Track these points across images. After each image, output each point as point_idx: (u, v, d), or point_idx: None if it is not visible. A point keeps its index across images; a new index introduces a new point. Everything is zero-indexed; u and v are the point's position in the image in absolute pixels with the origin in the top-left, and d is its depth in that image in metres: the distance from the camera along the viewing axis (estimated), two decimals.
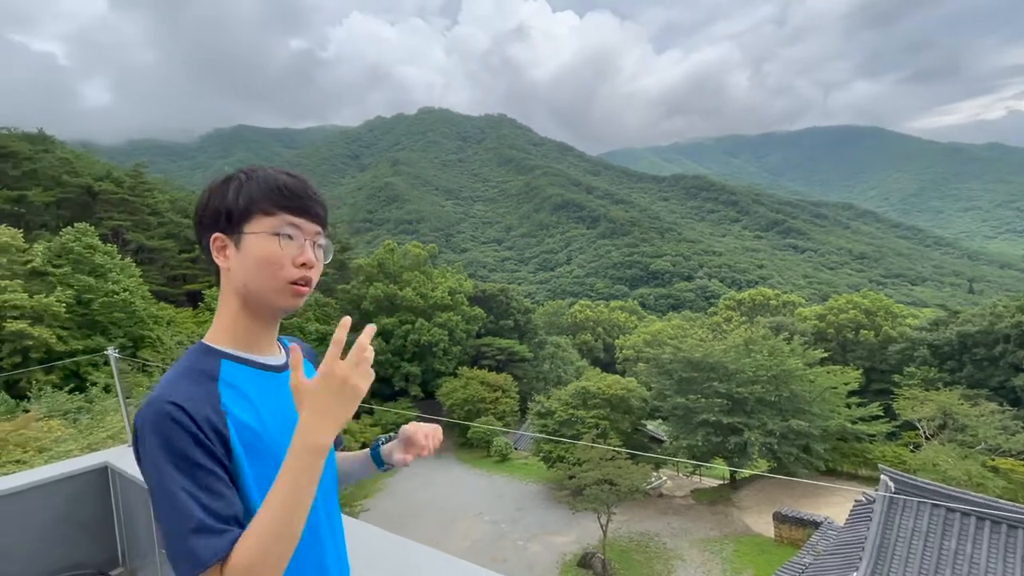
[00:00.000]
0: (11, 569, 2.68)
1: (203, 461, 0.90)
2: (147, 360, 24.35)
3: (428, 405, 39.27)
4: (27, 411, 11.82)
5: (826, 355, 31.39)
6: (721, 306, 69.76)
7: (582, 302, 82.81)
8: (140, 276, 28.50)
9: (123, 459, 3.28)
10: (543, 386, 43.96)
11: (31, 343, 21.12)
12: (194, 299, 38.81)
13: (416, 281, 42.11)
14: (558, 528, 23.34)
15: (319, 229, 1.11)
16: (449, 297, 42.10)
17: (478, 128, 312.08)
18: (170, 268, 42.47)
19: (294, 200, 1.07)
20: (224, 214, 1.06)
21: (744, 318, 58.15)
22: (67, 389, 16.37)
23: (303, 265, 1.07)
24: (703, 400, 25.48)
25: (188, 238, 45.11)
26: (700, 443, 25.02)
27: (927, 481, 10.78)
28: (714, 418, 24.75)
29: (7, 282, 21.49)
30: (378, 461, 1.41)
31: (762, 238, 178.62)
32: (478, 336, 45.06)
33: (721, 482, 28.74)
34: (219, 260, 1.07)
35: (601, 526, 21.20)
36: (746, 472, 27.02)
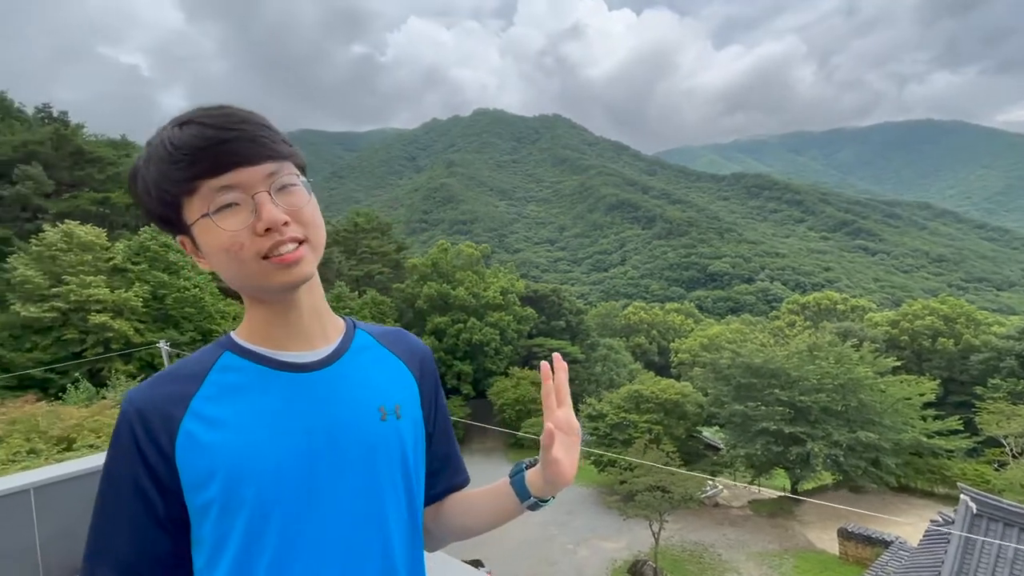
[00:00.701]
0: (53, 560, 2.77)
1: (125, 494, 0.78)
2: None
3: (479, 404, 39.53)
4: (104, 399, 12.62)
5: (899, 364, 29.52)
6: (784, 310, 67.00)
7: (636, 304, 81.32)
8: (210, 273, 29.96)
9: None
10: (595, 388, 43.38)
11: (111, 335, 22.59)
12: None
13: (469, 281, 42.48)
14: (608, 533, 22.93)
15: (269, 169, 0.79)
16: (501, 297, 42.24)
17: (532, 128, 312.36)
18: None
19: (202, 158, 0.75)
20: (157, 218, 0.83)
21: (808, 323, 55.61)
22: (140, 379, 17.40)
23: (268, 230, 0.77)
24: (763, 408, 24.44)
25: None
26: (759, 452, 24.02)
27: (1014, 503, 9.85)
28: (774, 427, 23.69)
29: (92, 278, 23.09)
30: (523, 494, 1.00)
31: (829, 239, 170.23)
32: (529, 336, 44.99)
33: (781, 494, 27.51)
34: (200, 264, 0.85)
35: (653, 534, 20.68)
36: (809, 484, 25.77)
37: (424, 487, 1.02)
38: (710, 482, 27.10)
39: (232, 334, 0.91)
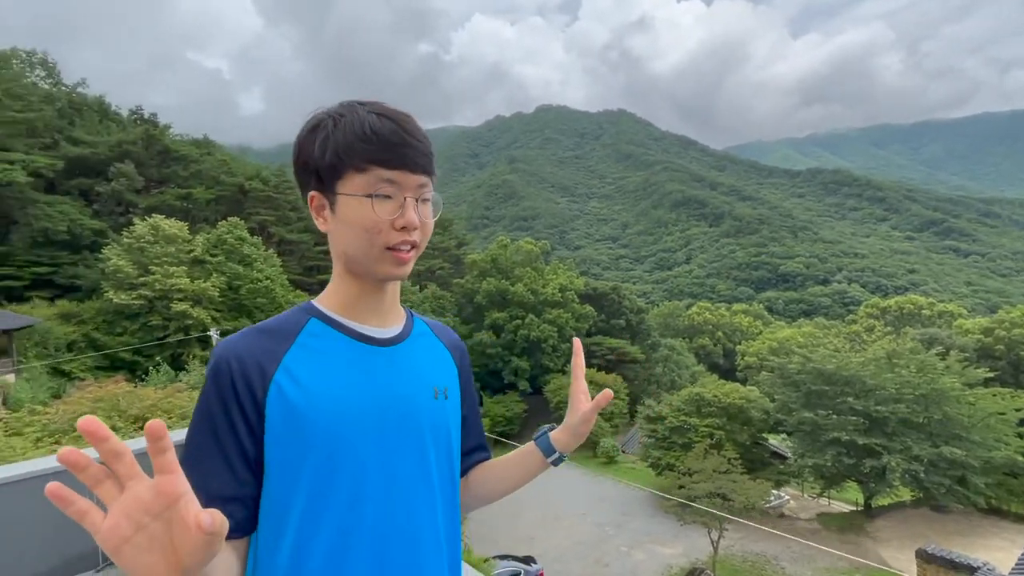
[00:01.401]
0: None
1: (221, 430, 0.84)
2: None
3: (536, 400, 39.52)
4: (179, 381, 13.48)
5: (992, 375, 27.10)
6: (861, 314, 63.33)
7: (701, 304, 78.97)
8: (280, 266, 31.52)
9: None
10: (654, 389, 42.53)
11: (191, 322, 24.12)
12: (324, 288, 42.23)
13: (527, 277, 42.52)
14: (664, 538, 22.38)
15: (423, 181, 0.94)
16: (559, 294, 42.03)
17: (596, 124, 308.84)
18: (306, 259, 46.57)
19: (388, 150, 0.90)
20: (314, 171, 0.93)
21: (889, 328, 52.27)
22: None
23: (404, 228, 0.92)
24: (834, 416, 23.11)
25: (323, 232, 49.17)
26: (829, 463, 22.74)
27: None
28: (847, 437, 22.34)
29: (175, 268, 24.75)
30: (548, 451, 1.18)
31: (915, 239, 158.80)
32: (588, 334, 44.52)
33: (854, 508, 25.97)
34: (318, 222, 0.97)
35: (712, 541, 20.01)
36: (884, 500, 24.17)
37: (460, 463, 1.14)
38: (775, 491, 25.94)
39: (315, 303, 1.00)
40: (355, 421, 0.90)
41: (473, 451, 1.23)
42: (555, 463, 1.20)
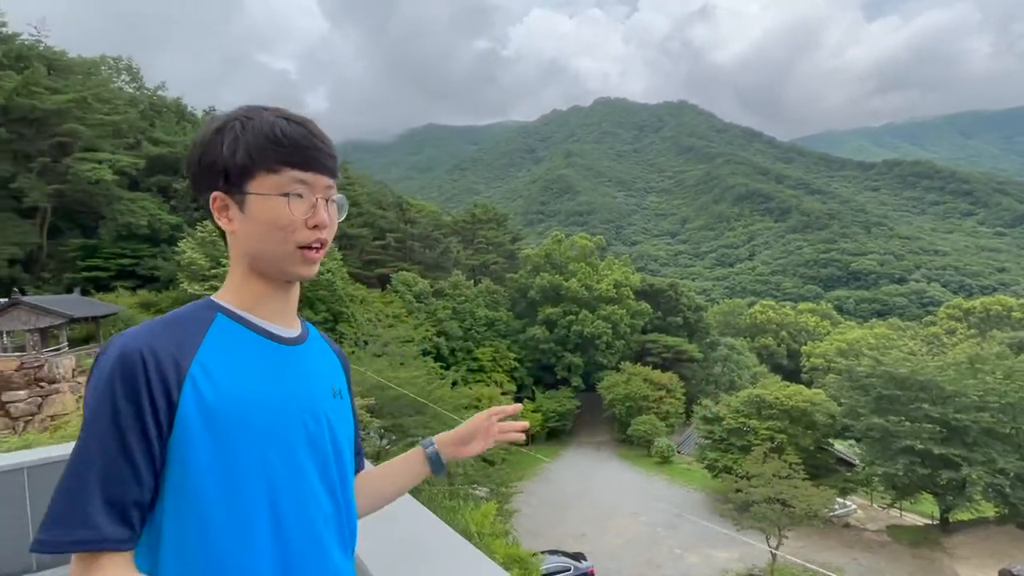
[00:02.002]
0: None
1: (131, 434, 0.80)
2: (343, 333, 27.77)
3: (588, 397, 39.21)
4: None
5: None
6: (942, 315, 59.45)
7: (764, 302, 76.14)
8: (341, 260, 32.55)
9: None
10: (712, 389, 41.37)
11: None
12: (383, 281, 43.33)
13: (582, 273, 42.15)
14: (719, 542, 21.71)
15: (330, 183, 0.98)
16: (614, 290, 41.45)
17: (655, 116, 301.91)
18: (365, 253, 47.87)
19: (299, 152, 0.93)
20: (221, 171, 0.93)
21: (973, 331, 48.69)
22: None
23: (316, 227, 0.95)
24: (907, 423, 21.74)
25: (382, 227, 50.53)
26: (901, 473, 21.42)
27: None
28: (921, 446, 20.96)
29: None
30: (437, 467, 1.28)
31: (1005, 235, 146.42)
32: (644, 332, 43.76)
33: (928, 522, 24.37)
34: (221, 222, 0.96)
35: (770, 548, 19.28)
36: (964, 514, 22.52)
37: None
38: (840, 500, 24.68)
39: (217, 300, 0.98)
40: (269, 417, 0.90)
41: (356, 455, 1.23)
42: (435, 471, 1.28)
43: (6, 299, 22.68)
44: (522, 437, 1.36)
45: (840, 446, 28.58)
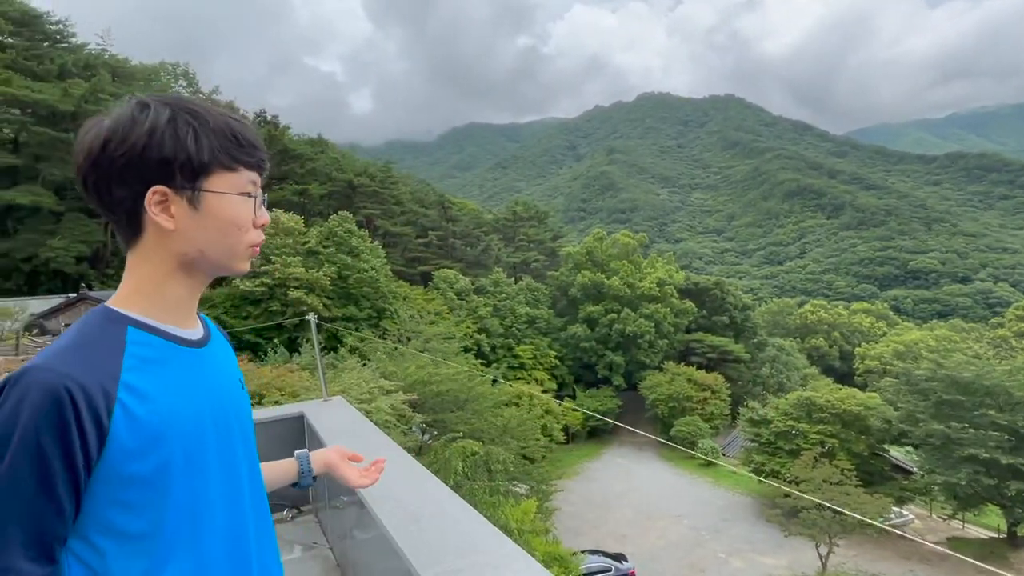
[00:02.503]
0: None
1: (58, 473, 0.76)
2: (386, 329, 28.27)
3: (630, 397, 38.73)
4: (290, 362, 14.58)
5: None
6: (1010, 316, 56.23)
7: (815, 302, 73.65)
8: (384, 257, 33.15)
9: (316, 412, 3.70)
10: (760, 391, 40.25)
11: (305, 308, 26.03)
12: (425, 279, 43.91)
13: (624, 270, 41.63)
14: (766, 548, 21.10)
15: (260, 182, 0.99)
16: (657, 288, 40.76)
17: (700, 111, 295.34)
18: (408, 251, 48.66)
19: (254, 154, 0.94)
20: (178, 165, 0.86)
21: None
22: (320, 347, 19.82)
23: (261, 226, 0.98)
24: (971, 431, 20.60)
25: (424, 225, 51.25)
26: (964, 482, 20.30)
27: None
28: (987, 455, 19.82)
29: (291, 258, 26.83)
30: (307, 480, 1.36)
31: None
32: (688, 331, 42.91)
33: (994, 535, 23.02)
34: (160, 218, 0.87)
35: (820, 556, 18.63)
36: None
37: None
38: (896, 509, 23.60)
39: (119, 309, 0.91)
40: (196, 423, 0.90)
41: None
42: (301, 486, 1.36)
43: (75, 294, 24.08)
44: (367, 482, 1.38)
45: (897, 453, 27.35)
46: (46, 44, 39.73)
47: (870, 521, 14.75)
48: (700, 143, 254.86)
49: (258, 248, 0.99)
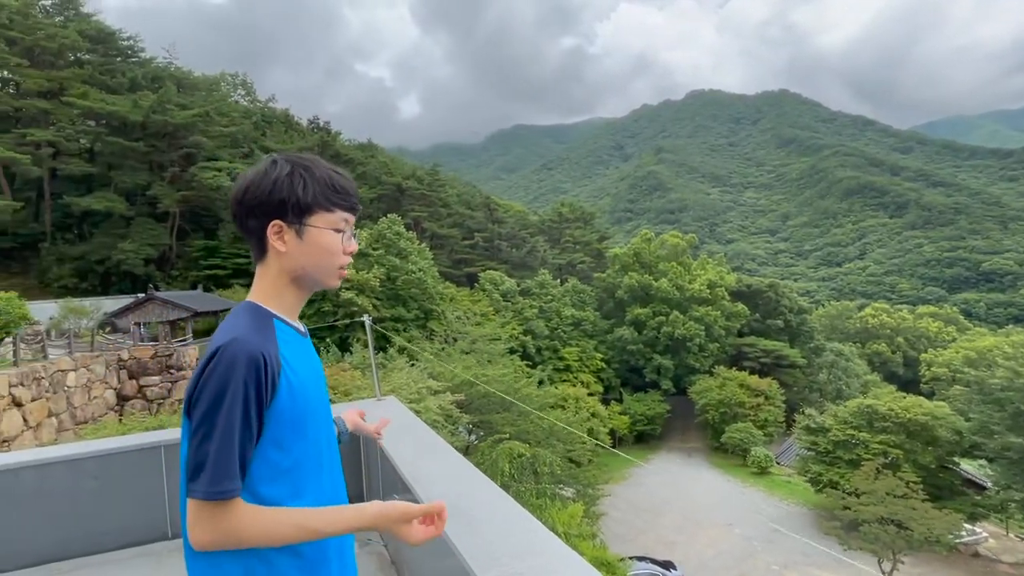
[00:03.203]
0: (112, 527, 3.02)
1: (253, 413, 1.08)
2: (433, 329, 28.65)
3: (679, 401, 37.91)
4: (342, 361, 14.94)
5: None
6: None
7: (877, 305, 70.14)
8: (431, 259, 33.62)
9: (369, 412, 3.74)
10: (816, 398, 38.74)
11: (356, 309, 26.68)
12: (471, 280, 44.27)
13: (673, 272, 40.81)
14: (823, 562, 20.20)
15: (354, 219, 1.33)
16: (708, 290, 39.76)
17: (753, 107, 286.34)
18: (454, 253, 49.18)
19: (348, 199, 1.26)
20: (290, 205, 1.20)
21: None
22: (364, 346, 20.19)
23: (349, 253, 1.28)
24: None
25: (470, 227, 51.71)
26: None
27: None
28: None
29: None
30: (344, 435, 1.65)
31: None
32: (739, 335, 41.68)
33: None
34: (276, 244, 1.22)
35: (883, 573, 17.68)
36: None
37: None
38: (968, 526, 22.17)
39: (264, 307, 1.24)
40: (318, 390, 1.26)
41: None
42: (342, 440, 1.59)
43: (143, 294, 25.44)
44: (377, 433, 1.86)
45: (968, 466, 25.77)
46: (118, 59, 42.32)
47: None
48: (752, 141, 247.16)
49: (345, 270, 1.29)
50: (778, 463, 31.74)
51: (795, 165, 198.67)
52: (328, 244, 1.23)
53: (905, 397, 27.18)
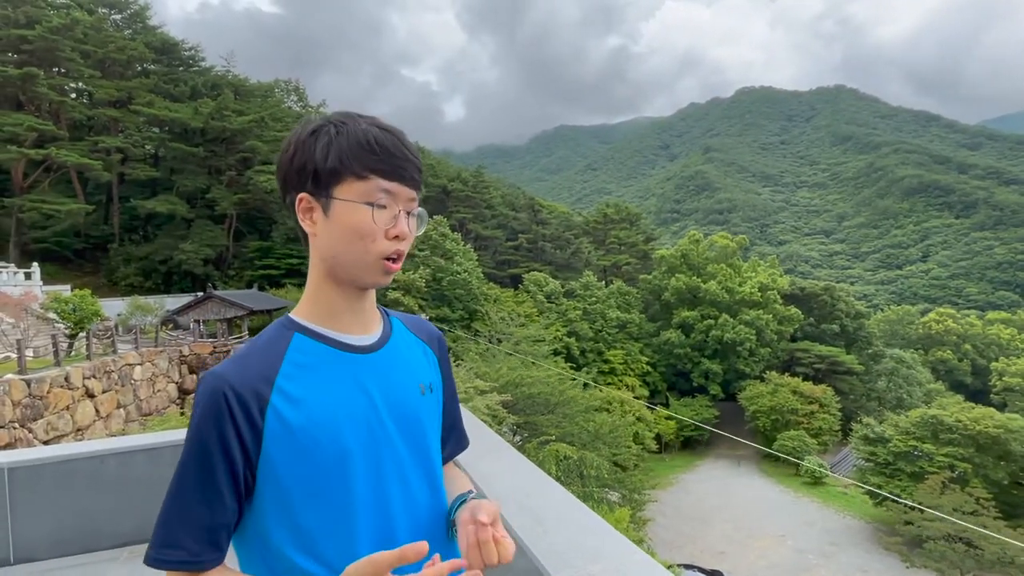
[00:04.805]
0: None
1: (220, 468, 0.86)
2: (478, 330, 28.85)
3: (728, 407, 36.93)
4: None
5: None
6: None
7: (941, 310, 66.52)
8: (476, 260, 33.89)
9: None
10: (875, 407, 37.09)
11: (402, 308, 27.15)
12: (516, 281, 44.36)
13: (722, 274, 39.80)
14: None
15: (414, 195, 0.96)
16: (759, 293, 38.59)
17: (807, 104, 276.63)
18: (498, 254, 49.41)
19: (388, 161, 0.92)
20: (311, 173, 0.92)
21: None
22: None
23: (396, 238, 0.93)
24: None
25: (514, 229, 51.84)
26: None
27: None
28: None
29: None
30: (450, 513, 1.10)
31: None
32: (793, 339, 40.30)
33: None
34: (305, 224, 0.95)
35: None
36: None
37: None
38: None
39: (295, 317, 0.99)
40: (350, 431, 0.92)
41: (448, 440, 1.20)
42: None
43: (203, 293, 26.62)
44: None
45: None
46: (181, 68, 44.47)
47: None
48: (806, 138, 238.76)
49: (395, 263, 0.95)
50: (832, 473, 30.48)
51: (852, 163, 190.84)
52: (357, 223, 0.90)
53: (974, 408, 25.66)
